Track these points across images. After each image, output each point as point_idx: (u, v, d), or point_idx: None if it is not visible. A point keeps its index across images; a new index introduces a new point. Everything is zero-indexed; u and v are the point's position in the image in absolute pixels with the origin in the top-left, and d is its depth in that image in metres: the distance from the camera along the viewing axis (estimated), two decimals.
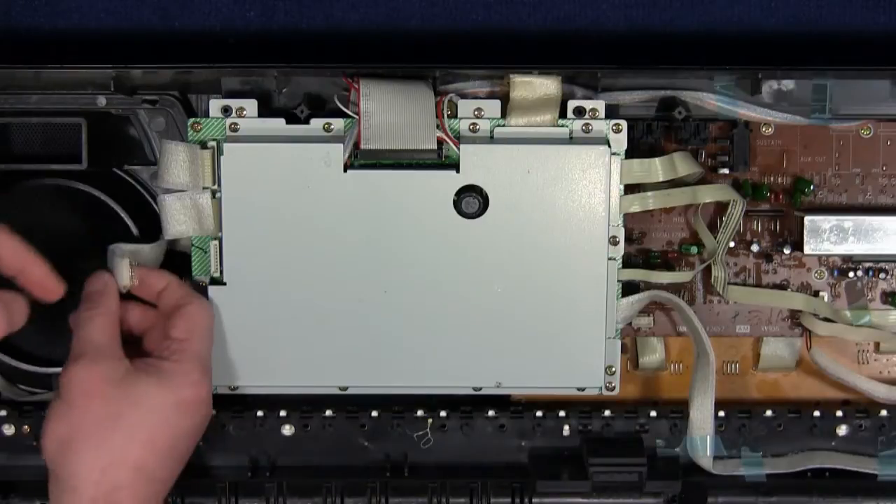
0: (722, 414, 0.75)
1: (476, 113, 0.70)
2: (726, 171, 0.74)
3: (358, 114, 0.68)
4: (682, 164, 0.71)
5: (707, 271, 0.74)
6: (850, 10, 0.80)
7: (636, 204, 0.71)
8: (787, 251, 0.75)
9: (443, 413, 0.76)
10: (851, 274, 0.75)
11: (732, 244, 0.75)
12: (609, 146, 0.69)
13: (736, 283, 0.75)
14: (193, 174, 0.69)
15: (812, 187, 0.74)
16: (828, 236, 0.72)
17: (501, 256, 0.70)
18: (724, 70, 0.73)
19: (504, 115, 0.70)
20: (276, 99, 0.72)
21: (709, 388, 0.73)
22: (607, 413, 0.76)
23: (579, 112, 0.70)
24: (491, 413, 0.76)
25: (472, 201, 0.69)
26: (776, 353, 0.77)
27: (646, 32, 0.80)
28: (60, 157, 0.72)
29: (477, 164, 0.69)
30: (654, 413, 0.76)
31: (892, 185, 0.75)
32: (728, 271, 0.74)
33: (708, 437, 0.74)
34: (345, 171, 0.69)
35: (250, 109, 0.70)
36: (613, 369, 0.72)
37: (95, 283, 0.68)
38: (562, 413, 0.76)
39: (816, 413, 0.76)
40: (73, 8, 0.79)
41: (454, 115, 0.70)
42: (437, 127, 0.69)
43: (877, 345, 0.77)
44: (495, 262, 0.70)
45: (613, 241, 0.70)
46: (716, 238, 0.73)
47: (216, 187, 0.70)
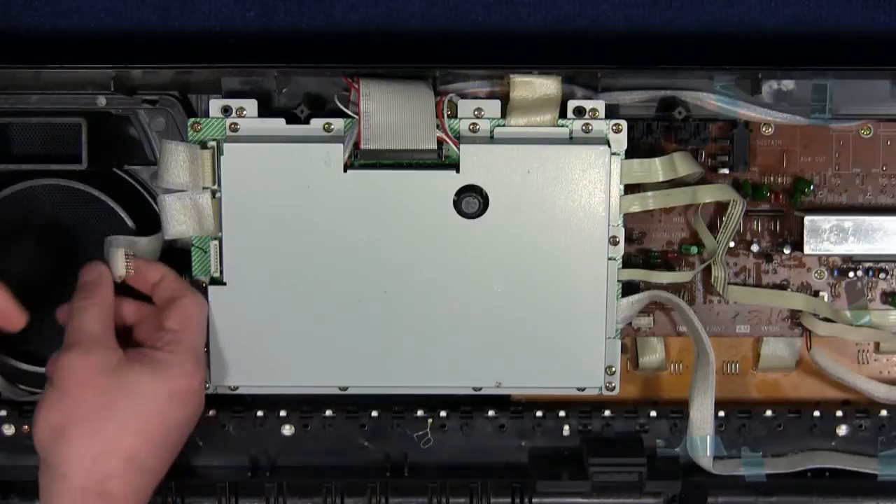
0: (722, 414, 0.75)
1: (476, 113, 0.70)
2: (726, 171, 0.74)
3: (358, 114, 0.68)
4: (682, 164, 0.71)
5: (707, 271, 0.74)
6: (850, 10, 0.80)
7: (636, 204, 0.71)
8: (787, 251, 0.75)
9: (443, 413, 0.76)
10: (851, 274, 0.75)
11: (732, 244, 0.75)
12: (609, 146, 0.69)
13: (736, 283, 0.75)
14: (193, 174, 0.69)
15: (812, 187, 0.74)
16: (828, 236, 0.72)
17: (501, 256, 0.70)
18: (724, 70, 0.73)
19: (504, 115, 0.70)
20: (276, 99, 0.72)
21: (709, 388, 0.73)
22: (607, 413, 0.76)
23: (579, 112, 0.70)
24: (491, 413, 0.76)
25: (472, 201, 0.69)
26: (776, 353, 0.77)
27: (646, 32, 0.80)
28: (60, 157, 0.72)
29: (477, 164, 0.69)
30: (654, 413, 0.76)
31: (892, 185, 0.75)
32: (728, 271, 0.74)
33: (708, 437, 0.74)
34: (345, 171, 0.69)
35: (250, 109, 0.70)
36: (613, 369, 0.72)
37: (90, 273, 0.68)
38: (562, 413, 0.76)
39: (816, 413, 0.76)
40: (73, 8, 0.79)
41: (454, 115, 0.70)
42: (437, 127, 0.69)
43: (877, 345, 0.77)
44: (495, 262, 0.70)
45: (613, 241, 0.70)
46: (716, 238, 0.73)
47: (216, 187, 0.70)
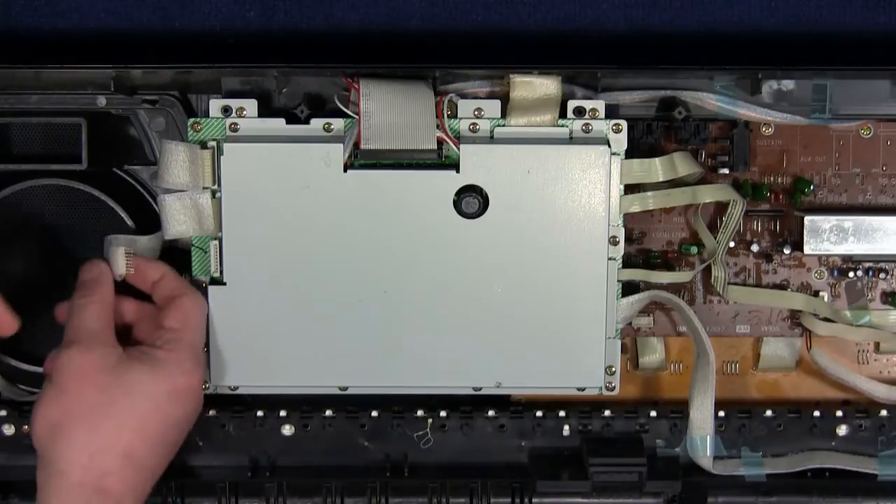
0: (722, 414, 0.75)
1: (476, 113, 0.70)
2: (726, 171, 0.74)
3: (358, 114, 0.68)
4: (682, 164, 0.71)
5: (707, 271, 0.74)
6: (850, 10, 0.80)
7: (636, 204, 0.71)
8: (787, 251, 0.75)
9: (443, 413, 0.76)
10: (851, 274, 0.75)
11: (732, 244, 0.75)
12: (609, 146, 0.69)
13: (736, 283, 0.75)
14: (193, 174, 0.69)
15: (812, 187, 0.74)
16: (828, 236, 0.72)
17: (501, 256, 0.70)
18: (724, 70, 0.73)
19: (504, 115, 0.70)
20: (276, 99, 0.72)
21: (709, 388, 0.73)
22: (607, 413, 0.76)
23: (579, 112, 0.70)
24: (491, 413, 0.76)
25: (472, 201, 0.69)
26: (776, 353, 0.77)
27: (646, 32, 0.80)
28: (60, 157, 0.72)
29: (477, 164, 0.69)
30: (654, 413, 0.76)
31: (892, 185, 0.75)
32: (728, 271, 0.74)
33: (708, 437, 0.74)
34: (345, 171, 0.69)
35: (250, 109, 0.70)
36: (613, 369, 0.72)
37: (90, 271, 0.68)
38: (562, 413, 0.76)
39: (816, 413, 0.76)
40: (73, 8, 0.79)
41: (454, 115, 0.70)
42: (437, 127, 0.69)
43: (877, 345, 0.77)
44: (495, 262, 0.70)
45: (613, 241, 0.70)
46: (716, 238, 0.73)
47: (216, 187, 0.70)
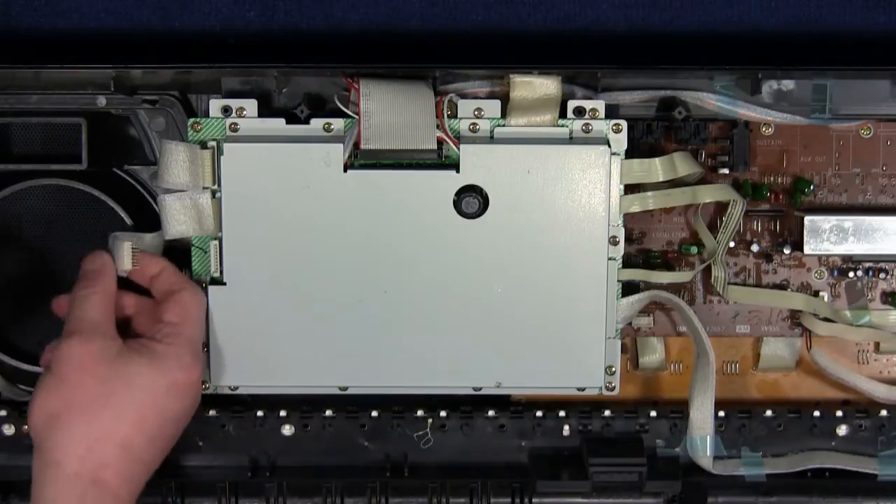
0: (722, 414, 0.75)
1: (476, 113, 0.70)
2: (726, 171, 0.74)
3: (358, 114, 0.68)
4: (682, 164, 0.71)
5: (707, 271, 0.74)
6: (850, 10, 0.80)
7: (636, 204, 0.71)
8: (787, 251, 0.75)
9: (443, 413, 0.76)
10: (851, 274, 0.75)
11: (732, 244, 0.75)
12: (609, 146, 0.69)
13: (736, 283, 0.75)
14: (193, 174, 0.69)
15: (812, 187, 0.74)
16: (828, 236, 0.72)
17: (501, 256, 0.70)
18: (724, 70, 0.73)
19: (504, 115, 0.70)
20: (276, 99, 0.72)
21: (709, 388, 0.73)
22: (607, 413, 0.76)
23: (579, 112, 0.70)
24: (491, 413, 0.76)
25: (472, 201, 0.69)
26: (776, 353, 0.77)
27: (646, 32, 0.80)
28: (60, 157, 0.72)
29: (477, 164, 0.69)
30: (654, 413, 0.76)
31: (892, 185, 0.75)
32: (728, 271, 0.74)
33: (708, 437, 0.74)
34: (345, 171, 0.69)
35: (250, 109, 0.70)
36: (613, 369, 0.72)
37: (93, 262, 0.67)
38: (562, 413, 0.76)
39: (816, 413, 0.76)
40: (73, 8, 0.79)
41: (454, 115, 0.70)
42: (437, 127, 0.69)
43: (877, 345, 0.77)
44: (495, 262, 0.70)
45: (613, 241, 0.70)
46: (716, 238, 0.73)
47: (216, 187, 0.70)
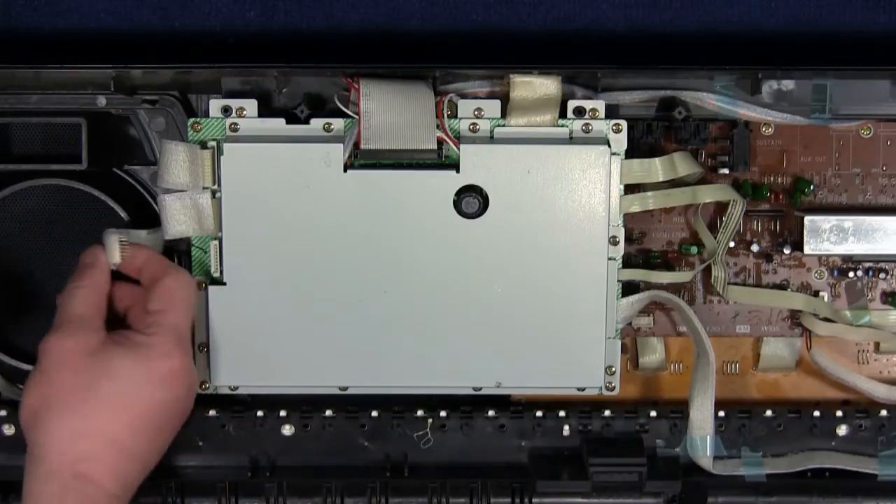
0: (722, 414, 0.75)
1: (476, 113, 0.70)
2: (726, 171, 0.74)
3: (358, 114, 0.68)
4: (682, 164, 0.71)
5: (707, 271, 0.74)
6: (850, 10, 0.80)
7: (636, 204, 0.71)
8: (787, 251, 0.75)
9: (443, 413, 0.76)
10: (851, 274, 0.75)
11: (732, 244, 0.75)
12: (609, 146, 0.69)
13: (736, 283, 0.75)
14: (193, 174, 0.69)
15: (812, 187, 0.74)
16: (828, 236, 0.72)
17: (501, 256, 0.70)
18: (724, 70, 0.72)
19: (504, 115, 0.70)
20: (276, 99, 0.72)
21: (709, 388, 0.73)
22: (607, 413, 0.76)
23: (579, 112, 0.70)
24: (491, 413, 0.76)
25: (472, 201, 0.69)
26: (776, 353, 0.77)
27: (646, 32, 0.80)
28: (60, 157, 0.72)
29: (477, 164, 0.69)
30: (654, 413, 0.76)
31: (892, 185, 0.75)
32: (728, 271, 0.74)
33: (708, 437, 0.74)
34: (345, 171, 0.69)
35: (250, 109, 0.70)
36: (613, 369, 0.72)
37: (86, 257, 0.68)
38: (562, 413, 0.76)
39: (816, 413, 0.76)
40: (73, 8, 0.79)
41: (454, 115, 0.70)
42: (437, 127, 0.69)
43: (877, 345, 0.77)
44: (495, 262, 0.70)
45: (613, 241, 0.70)
46: (716, 238, 0.73)
47: (216, 187, 0.70)
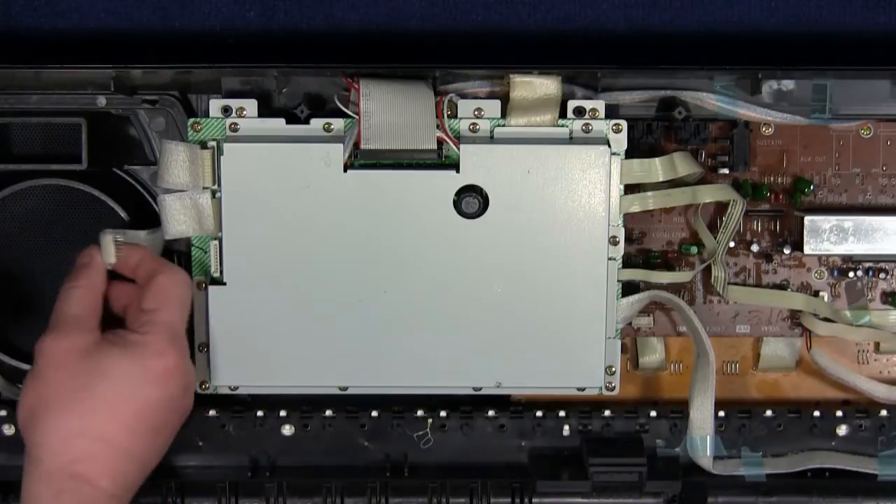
0: (722, 414, 0.75)
1: (476, 113, 0.70)
2: (726, 171, 0.74)
3: (358, 114, 0.68)
4: (682, 164, 0.71)
5: (707, 271, 0.74)
6: (850, 10, 0.80)
7: (636, 204, 0.71)
8: (787, 251, 0.75)
9: (443, 413, 0.76)
10: (851, 274, 0.75)
11: (732, 244, 0.75)
12: (609, 146, 0.69)
13: (736, 283, 0.75)
14: (193, 174, 0.69)
15: (812, 187, 0.74)
16: (828, 236, 0.72)
17: (501, 256, 0.70)
18: (724, 70, 0.72)
19: (504, 115, 0.70)
20: (276, 99, 0.72)
21: (709, 388, 0.73)
22: (607, 413, 0.76)
23: (579, 112, 0.70)
24: (491, 413, 0.76)
25: (472, 201, 0.69)
26: (776, 353, 0.77)
27: (646, 32, 0.80)
28: (60, 157, 0.72)
29: (477, 164, 0.69)
30: (654, 413, 0.76)
31: (892, 185, 0.75)
32: (728, 271, 0.74)
33: (708, 437, 0.74)
34: (345, 171, 0.69)
35: (250, 109, 0.70)
36: (613, 369, 0.72)
37: (82, 257, 0.68)
38: (562, 413, 0.76)
39: (816, 413, 0.76)
40: (73, 8, 0.79)
41: (454, 115, 0.70)
42: (437, 127, 0.69)
43: (877, 345, 0.77)
44: (495, 262, 0.70)
45: (613, 241, 0.70)
46: (716, 238, 0.73)
47: (216, 187, 0.70)
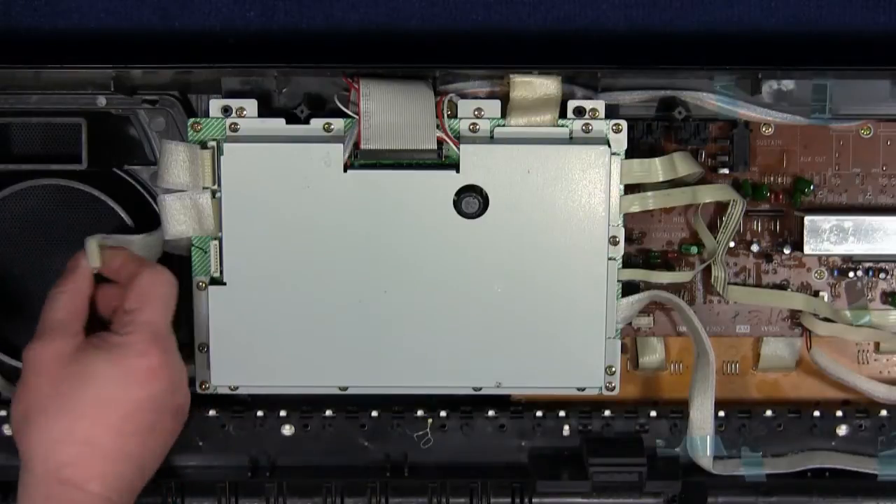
0: (722, 414, 0.75)
1: (476, 113, 0.70)
2: (726, 171, 0.74)
3: (358, 114, 0.68)
4: (682, 164, 0.71)
5: (707, 271, 0.74)
6: (850, 10, 0.80)
7: (636, 204, 0.71)
8: (787, 251, 0.75)
9: (443, 413, 0.76)
10: (851, 274, 0.75)
11: (732, 244, 0.75)
12: (609, 146, 0.69)
13: (736, 283, 0.75)
14: (193, 174, 0.69)
15: (812, 187, 0.74)
16: (828, 236, 0.72)
17: (501, 256, 0.70)
18: (724, 70, 0.73)
19: (504, 115, 0.70)
20: (276, 99, 0.72)
21: (709, 388, 0.73)
22: (607, 413, 0.76)
23: (579, 112, 0.70)
24: (491, 413, 0.76)
25: (472, 201, 0.69)
26: (776, 353, 0.77)
27: (646, 32, 0.80)
28: (60, 157, 0.72)
29: (477, 164, 0.69)
30: (654, 413, 0.76)
31: (892, 185, 0.75)
32: (728, 271, 0.74)
33: (708, 437, 0.74)
34: (345, 171, 0.69)
35: (250, 109, 0.70)
36: (613, 369, 0.72)
37: (70, 262, 0.68)
38: (562, 413, 0.76)
39: (816, 413, 0.76)
40: (73, 8, 0.79)
41: (454, 115, 0.70)
42: (437, 127, 0.69)
43: (877, 345, 0.77)
44: (495, 262, 0.70)
45: (613, 241, 0.70)
46: (716, 238, 0.73)
47: (216, 187, 0.70)
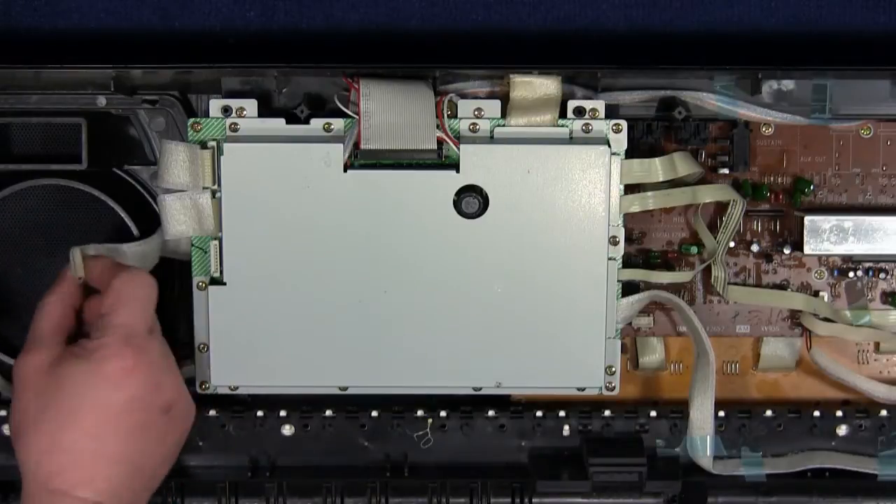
0: (722, 414, 0.75)
1: (476, 113, 0.70)
2: (726, 171, 0.74)
3: (358, 114, 0.68)
4: (682, 164, 0.71)
5: (707, 271, 0.74)
6: (850, 10, 0.80)
7: (636, 204, 0.71)
8: (787, 251, 0.75)
9: (443, 413, 0.76)
10: (851, 274, 0.75)
11: (732, 244, 0.75)
12: (609, 146, 0.69)
13: (736, 283, 0.75)
14: (193, 174, 0.69)
15: (812, 187, 0.74)
16: (828, 236, 0.72)
17: (501, 256, 0.70)
18: (724, 70, 0.73)
19: (504, 115, 0.70)
20: (276, 99, 0.72)
21: (709, 388, 0.73)
22: (607, 413, 0.76)
23: (579, 112, 0.70)
24: (491, 413, 0.76)
25: (472, 201, 0.69)
26: (776, 353, 0.77)
27: (646, 32, 0.80)
28: (60, 157, 0.72)
29: (477, 164, 0.69)
30: (654, 413, 0.76)
31: (892, 185, 0.75)
32: (728, 271, 0.74)
33: (708, 437, 0.74)
34: (345, 171, 0.69)
35: (250, 109, 0.70)
36: (613, 369, 0.72)
37: (59, 273, 0.68)
38: (562, 413, 0.76)
39: (816, 413, 0.76)
40: (73, 8, 0.79)
41: (454, 115, 0.70)
42: (437, 127, 0.69)
43: (877, 345, 0.77)
44: (495, 262, 0.70)
45: (613, 241, 0.70)
46: (716, 238, 0.73)
47: (216, 187, 0.70)
